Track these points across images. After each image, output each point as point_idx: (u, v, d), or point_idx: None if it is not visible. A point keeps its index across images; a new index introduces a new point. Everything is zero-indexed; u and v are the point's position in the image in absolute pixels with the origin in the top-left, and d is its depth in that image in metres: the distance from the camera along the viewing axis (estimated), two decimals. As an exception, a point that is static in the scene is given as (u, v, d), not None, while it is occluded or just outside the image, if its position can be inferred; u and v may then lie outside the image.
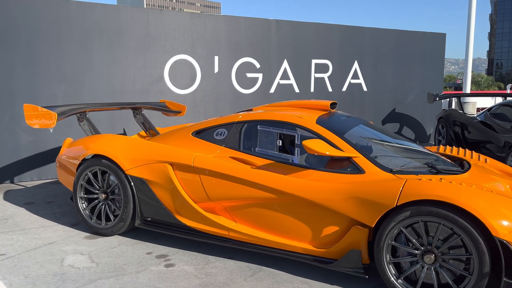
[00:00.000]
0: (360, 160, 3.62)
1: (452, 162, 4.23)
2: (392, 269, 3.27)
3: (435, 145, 9.30)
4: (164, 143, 4.50)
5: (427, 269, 3.16)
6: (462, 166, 4.11)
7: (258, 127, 4.12)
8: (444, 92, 10.36)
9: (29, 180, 6.73)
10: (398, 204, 3.17)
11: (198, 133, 4.44)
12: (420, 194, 3.11)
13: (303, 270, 3.71)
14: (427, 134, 10.86)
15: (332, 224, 3.53)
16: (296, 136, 3.94)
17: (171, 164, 4.14)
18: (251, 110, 4.77)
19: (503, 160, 6.76)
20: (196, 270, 3.71)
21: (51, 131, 6.67)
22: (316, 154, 3.50)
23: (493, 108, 7.80)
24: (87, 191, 4.57)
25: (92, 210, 4.55)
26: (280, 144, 3.99)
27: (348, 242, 3.42)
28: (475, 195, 3.05)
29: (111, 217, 4.42)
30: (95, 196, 4.52)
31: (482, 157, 4.64)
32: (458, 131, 8.34)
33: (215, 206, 4.01)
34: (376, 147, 4.13)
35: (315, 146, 3.52)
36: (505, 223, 2.93)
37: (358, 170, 3.59)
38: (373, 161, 3.62)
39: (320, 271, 3.68)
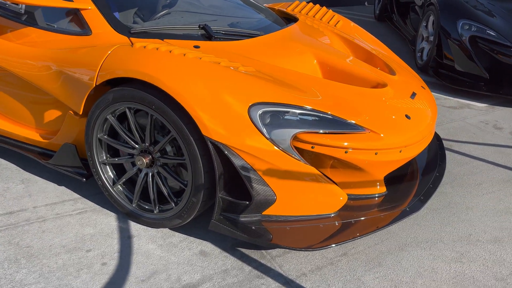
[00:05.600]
0: (90, 14, 2.44)
1: (280, 22, 3.08)
2: (110, 172, 2.37)
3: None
4: None
5: (145, 175, 2.28)
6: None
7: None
8: None
9: None
10: (98, 83, 2.14)
11: None
12: (119, 68, 2.06)
13: (37, 165, 2.83)
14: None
15: (54, 107, 2.55)
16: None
17: None
18: None
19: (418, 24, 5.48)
20: None
21: None
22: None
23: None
24: None
25: None
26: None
27: (67, 133, 2.47)
28: (187, 72, 1.98)
29: None
30: None
31: (338, 18, 3.46)
32: (391, -12, 6.86)
33: None
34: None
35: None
36: (224, 118, 1.94)
37: (84, 29, 2.46)
38: (110, 17, 2.44)
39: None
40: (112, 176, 2.36)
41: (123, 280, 1.96)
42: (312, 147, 2.04)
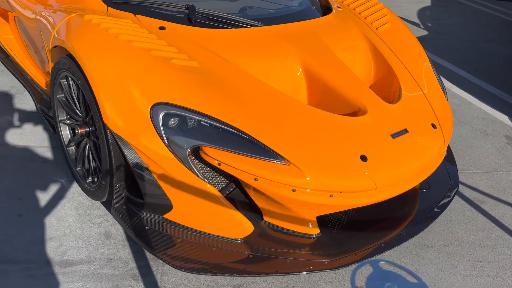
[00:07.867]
0: (89, -24, 2.49)
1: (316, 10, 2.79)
2: (68, 132, 2.47)
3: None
4: None
5: (86, 144, 2.31)
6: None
7: None
8: None
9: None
10: (51, 48, 2.20)
11: None
12: (63, 36, 2.08)
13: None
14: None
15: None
16: None
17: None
18: None
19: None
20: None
21: None
22: None
23: None
24: None
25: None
26: None
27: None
28: (106, 55, 1.90)
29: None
30: None
31: (387, 20, 2.94)
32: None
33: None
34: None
35: None
36: (126, 110, 1.83)
37: (78, -8, 2.51)
38: (103, -17, 2.46)
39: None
40: (69, 136, 2.47)
41: (19, 236, 2.09)
42: (218, 164, 1.83)
